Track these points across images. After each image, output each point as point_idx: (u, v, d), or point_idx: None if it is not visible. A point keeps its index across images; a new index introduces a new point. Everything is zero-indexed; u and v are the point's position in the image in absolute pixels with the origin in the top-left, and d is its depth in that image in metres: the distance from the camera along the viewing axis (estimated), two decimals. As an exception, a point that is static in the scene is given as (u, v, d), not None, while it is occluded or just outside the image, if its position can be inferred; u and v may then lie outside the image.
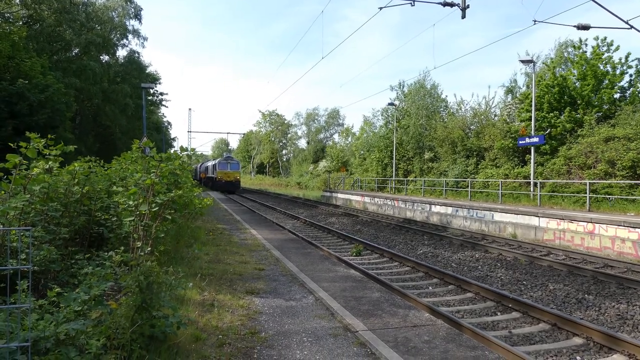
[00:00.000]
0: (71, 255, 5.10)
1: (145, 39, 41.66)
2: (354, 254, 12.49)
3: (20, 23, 28.42)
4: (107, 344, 3.27)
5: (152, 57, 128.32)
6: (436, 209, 21.29)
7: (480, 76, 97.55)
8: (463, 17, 14.15)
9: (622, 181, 17.43)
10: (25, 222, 4.75)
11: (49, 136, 5.33)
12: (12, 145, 4.91)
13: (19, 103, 20.75)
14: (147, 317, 3.60)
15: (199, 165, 58.73)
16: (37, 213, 5.10)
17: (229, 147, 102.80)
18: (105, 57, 38.98)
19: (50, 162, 5.28)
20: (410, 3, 14.50)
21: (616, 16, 13.93)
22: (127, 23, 38.89)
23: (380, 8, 15.12)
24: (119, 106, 37.42)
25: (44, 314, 3.35)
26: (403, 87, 38.75)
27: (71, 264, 4.84)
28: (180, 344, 4.07)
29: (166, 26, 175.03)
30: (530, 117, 21.57)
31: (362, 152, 46.39)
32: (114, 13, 37.68)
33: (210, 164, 51.94)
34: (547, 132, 22.51)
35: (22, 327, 2.94)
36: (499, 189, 21.18)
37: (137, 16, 39.19)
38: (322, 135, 77.35)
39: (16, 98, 20.74)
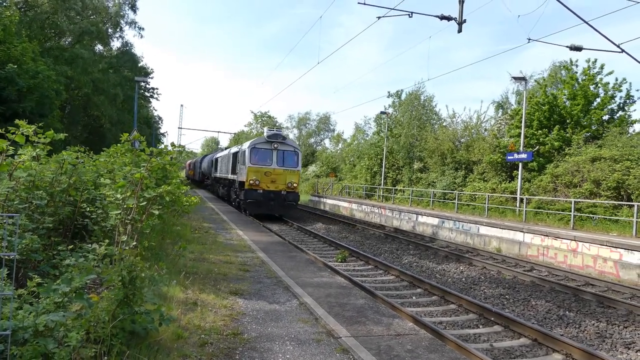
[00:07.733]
0: (54, 245, 4.99)
1: (141, 28, 40.74)
2: (340, 260, 12.45)
3: (14, 8, 27.97)
4: (86, 337, 3.20)
5: (144, 51, 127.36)
6: (423, 219, 21.37)
7: (473, 90, 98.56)
8: (459, 31, 14.20)
9: (606, 201, 17.68)
10: (9, 209, 4.65)
11: (37, 123, 5.22)
12: (-1, 131, 4.80)
13: (7, 88, 20.36)
14: (128, 312, 3.54)
15: (191, 161, 57.08)
16: (21, 201, 5.00)
17: (219, 146, 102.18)
18: (99, 47, 38.47)
19: (37, 150, 5.18)
20: (408, 15, 14.61)
21: (608, 39, 14.12)
22: (123, 13, 38.44)
23: (379, 17, 15.22)
24: (108, 97, 36.92)
25: (23, 303, 3.27)
26: (400, 96, 38.62)
27: (53, 255, 4.74)
28: (161, 342, 4.00)
29: (159, 20, 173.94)
30: (520, 133, 21.82)
31: (352, 158, 46.44)
32: (109, 3, 37.34)
33: (222, 154, 30.36)
34: (536, 149, 22.78)
35: (1, 316, 2.87)
36: (485, 203, 21.33)
37: (133, 7, 38.79)
38: (312, 140, 77.31)
39: (4, 83, 20.36)
